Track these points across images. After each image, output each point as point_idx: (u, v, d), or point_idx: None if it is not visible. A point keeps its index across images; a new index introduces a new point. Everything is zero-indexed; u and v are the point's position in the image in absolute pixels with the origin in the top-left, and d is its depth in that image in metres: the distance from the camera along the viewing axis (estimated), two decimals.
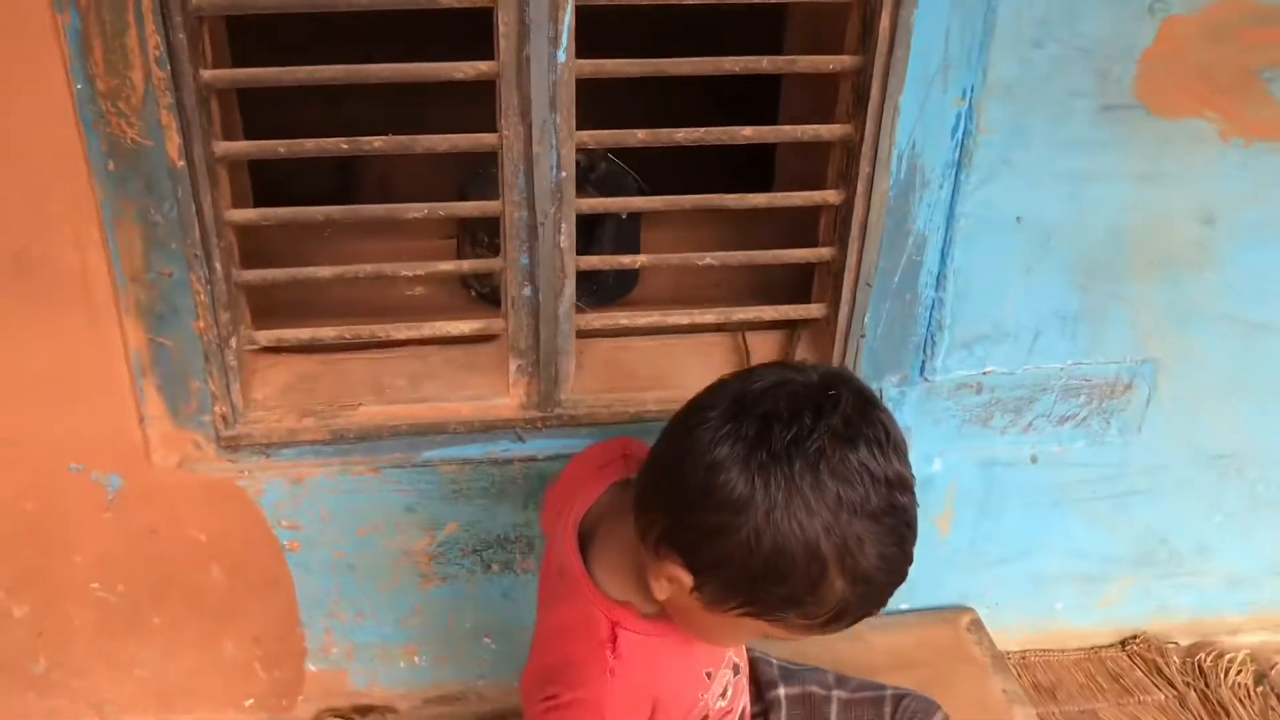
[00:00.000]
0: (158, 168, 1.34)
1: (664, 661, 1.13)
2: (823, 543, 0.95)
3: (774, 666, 1.55)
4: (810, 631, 1.03)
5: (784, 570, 0.96)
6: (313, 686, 1.80)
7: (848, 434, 0.96)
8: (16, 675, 1.71)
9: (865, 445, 0.96)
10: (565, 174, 1.43)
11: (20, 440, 1.51)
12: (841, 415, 0.97)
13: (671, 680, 1.15)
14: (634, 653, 1.10)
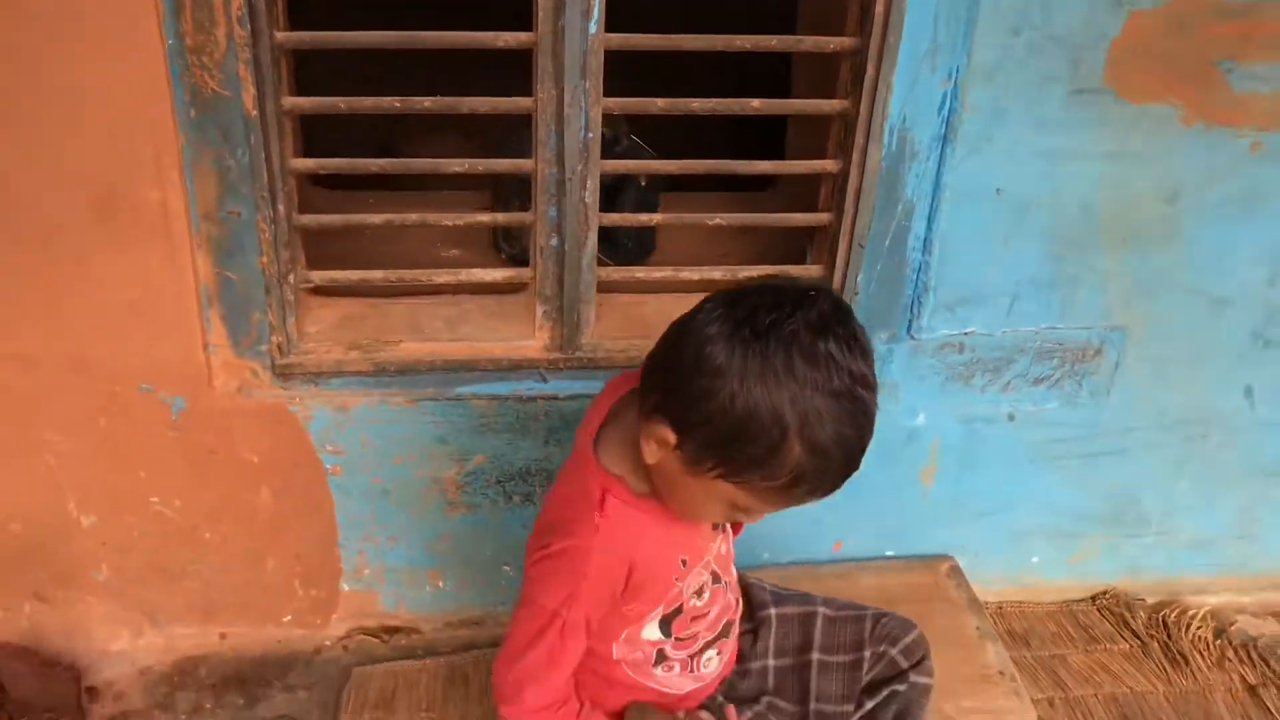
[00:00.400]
0: (234, 117, 1.53)
1: (644, 532, 1.31)
2: (787, 410, 1.13)
3: (766, 591, 1.71)
4: (770, 497, 1.20)
5: (752, 432, 1.14)
6: (346, 606, 1.98)
7: (821, 326, 1.14)
8: (80, 581, 1.88)
9: (835, 340, 1.14)
10: (592, 135, 1.60)
11: (99, 360, 1.69)
12: (818, 311, 1.14)
13: (647, 550, 1.32)
14: (618, 516, 1.29)
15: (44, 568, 1.86)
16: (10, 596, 1.87)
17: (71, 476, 1.78)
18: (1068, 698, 1.95)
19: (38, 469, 1.76)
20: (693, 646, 1.48)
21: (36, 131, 1.50)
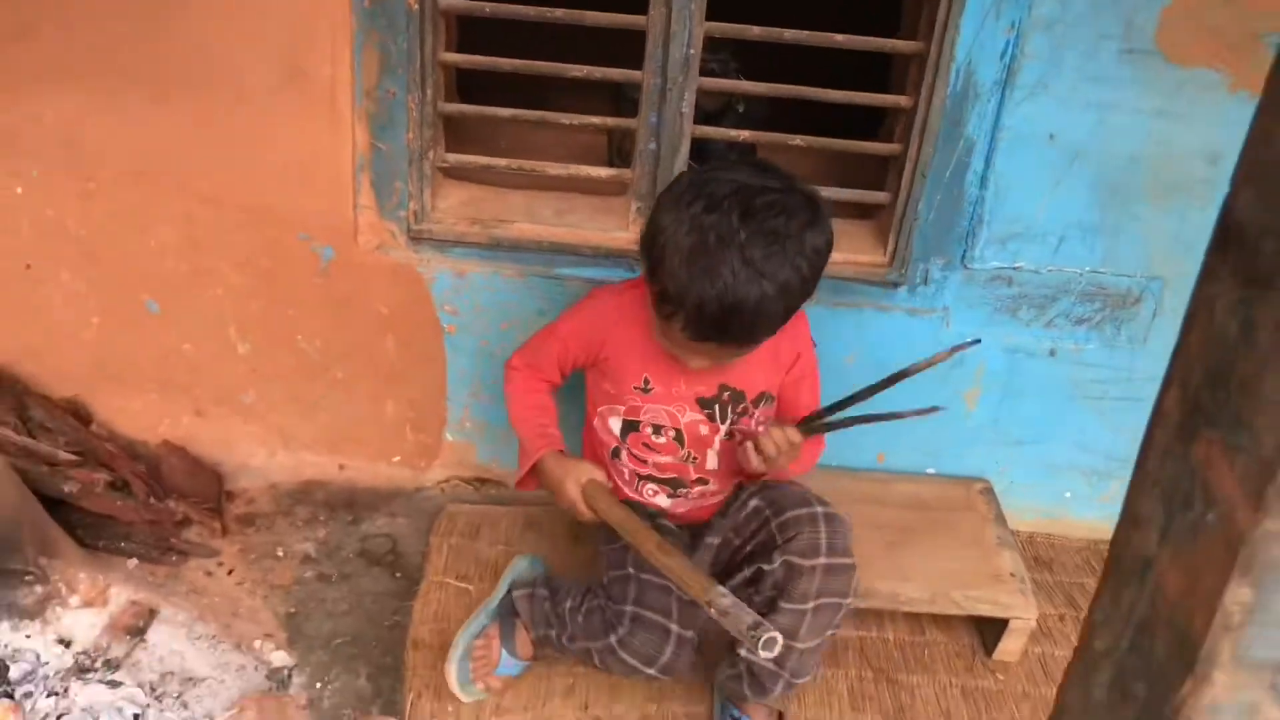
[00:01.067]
0: (398, 10, 1.84)
1: (630, 327, 1.68)
2: (664, 230, 1.47)
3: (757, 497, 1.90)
4: (668, 331, 1.54)
5: (648, 249, 1.50)
6: (447, 454, 2.28)
7: (747, 195, 1.47)
8: (231, 403, 2.24)
9: (748, 209, 1.47)
10: (693, 52, 1.87)
11: (268, 209, 2.03)
12: (758, 187, 1.49)
13: (621, 338, 1.69)
14: (627, 303, 1.69)
15: (204, 386, 2.22)
16: (175, 408, 2.24)
17: (235, 308, 2.13)
18: (1079, 617, 2.13)
19: (209, 298, 2.12)
20: (640, 468, 1.78)
21: (236, 7, 1.84)
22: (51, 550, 1.82)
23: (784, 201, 1.49)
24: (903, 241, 2.03)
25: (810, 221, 1.51)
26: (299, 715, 1.81)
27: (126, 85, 1.91)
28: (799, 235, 1.48)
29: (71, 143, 1.97)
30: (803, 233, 1.49)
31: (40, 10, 1.84)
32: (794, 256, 1.48)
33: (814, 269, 1.53)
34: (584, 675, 1.90)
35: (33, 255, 2.09)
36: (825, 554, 1.65)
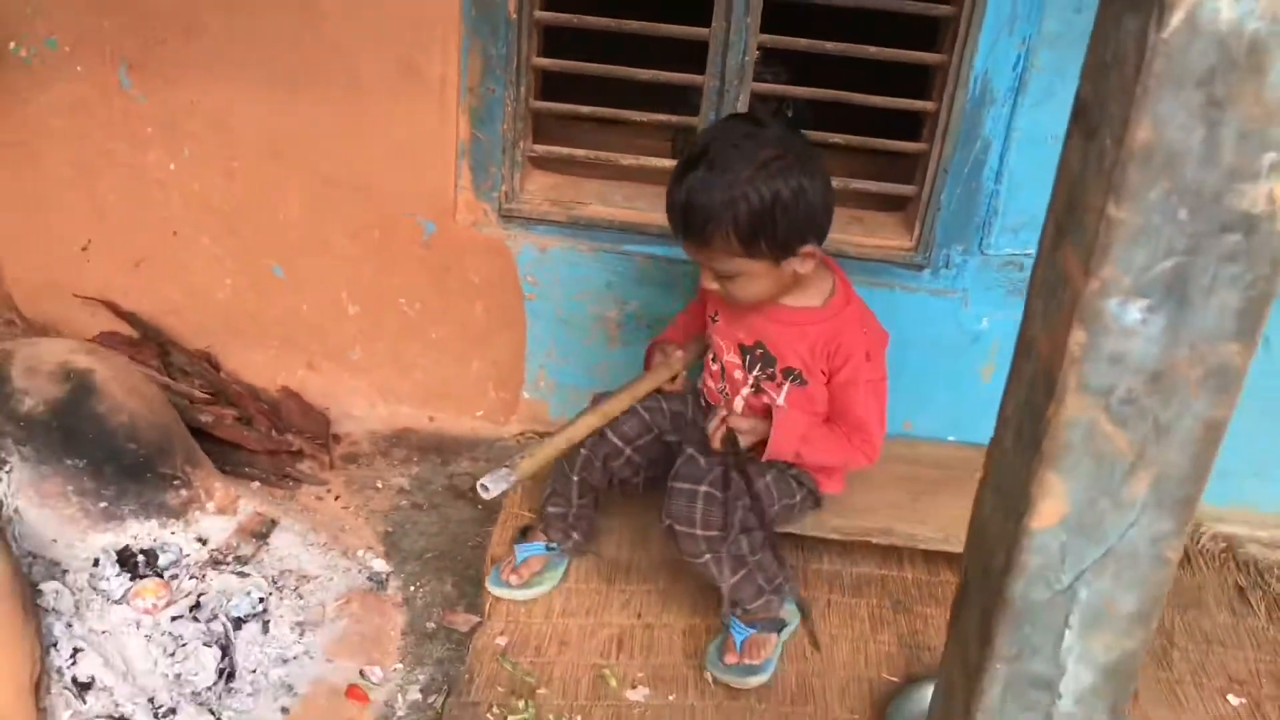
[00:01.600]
0: (500, 20, 2.19)
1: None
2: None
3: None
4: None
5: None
6: (523, 410, 2.60)
7: (752, 121, 1.82)
8: (340, 359, 2.58)
9: (741, 127, 1.80)
10: (748, 59, 2.19)
11: (380, 188, 2.38)
12: (769, 116, 1.82)
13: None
14: None
15: (317, 343, 2.56)
16: (291, 361, 2.58)
17: (348, 274, 2.48)
18: None
19: (325, 265, 2.47)
20: (704, 387, 2.11)
21: (361, 7, 2.19)
22: (194, 462, 2.16)
23: (769, 144, 1.76)
24: (927, 229, 2.33)
25: (784, 168, 1.75)
26: (395, 610, 2.12)
27: (270, 79, 2.27)
28: (766, 169, 1.74)
29: (220, 127, 2.34)
30: (770, 169, 1.74)
31: (207, 13, 2.21)
32: (752, 183, 1.73)
33: (768, 202, 1.74)
34: (639, 591, 2.20)
35: (180, 224, 2.45)
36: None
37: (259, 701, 1.89)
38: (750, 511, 1.95)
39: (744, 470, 1.94)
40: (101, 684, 1.82)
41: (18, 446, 2.03)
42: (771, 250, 1.79)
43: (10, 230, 2.46)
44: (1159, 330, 0.81)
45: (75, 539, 2.04)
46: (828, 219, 1.84)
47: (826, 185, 1.82)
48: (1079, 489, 0.87)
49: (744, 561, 1.97)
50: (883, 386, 2.00)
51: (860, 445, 2.00)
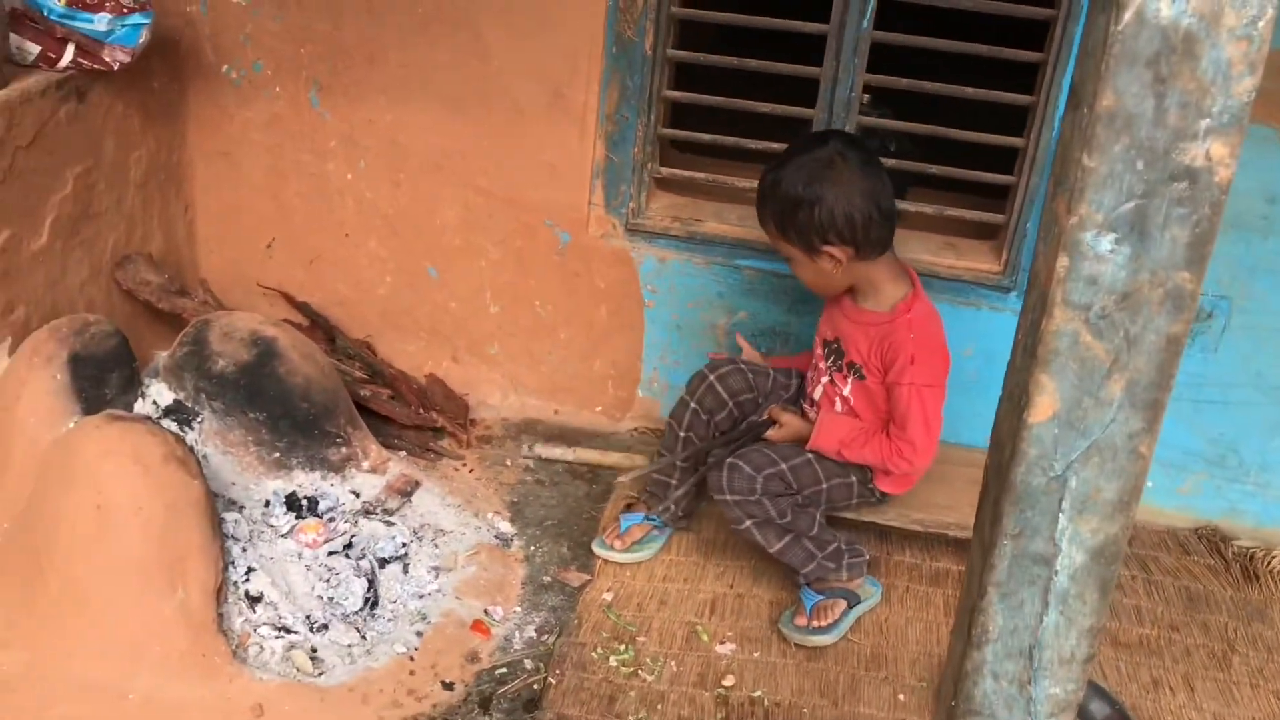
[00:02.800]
0: (637, 55, 2.52)
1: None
2: None
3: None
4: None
5: None
6: (637, 408, 2.89)
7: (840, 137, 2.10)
8: (480, 353, 2.91)
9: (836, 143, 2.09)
10: (854, 94, 2.47)
11: (525, 200, 2.71)
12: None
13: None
14: None
15: (461, 338, 2.90)
16: (438, 353, 2.92)
17: (492, 276, 2.81)
18: (1149, 579, 2.55)
19: (474, 268, 2.81)
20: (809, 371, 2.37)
21: (521, 42, 2.54)
22: (354, 425, 2.50)
23: (819, 157, 2.07)
24: (1014, 254, 2.55)
25: (816, 176, 2.05)
26: (516, 564, 2.41)
27: (437, 102, 2.64)
28: (800, 172, 2.07)
29: (392, 143, 2.71)
30: (804, 173, 2.06)
31: (388, 45, 2.60)
32: (787, 180, 2.08)
33: (790, 199, 2.07)
34: (733, 565, 2.45)
35: (351, 227, 2.83)
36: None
37: (398, 626, 2.20)
38: (775, 479, 2.18)
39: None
40: (268, 599, 2.14)
41: (209, 401, 2.40)
42: (799, 241, 2.12)
43: (213, 227, 2.88)
44: (1125, 258, 1.05)
45: (251, 483, 2.39)
46: (853, 227, 2.07)
47: (851, 201, 2.05)
48: (1066, 388, 1.11)
49: (783, 528, 2.21)
50: (929, 393, 2.16)
51: (897, 443, 2.19)
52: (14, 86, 2.22)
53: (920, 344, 2.16)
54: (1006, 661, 1.25)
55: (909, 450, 2.18)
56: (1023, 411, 1.14)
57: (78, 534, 1.97)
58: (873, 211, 2.07)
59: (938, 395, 2.19)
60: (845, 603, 2.28)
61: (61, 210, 2.38)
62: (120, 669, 1.95)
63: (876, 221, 2.08)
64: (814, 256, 2.13)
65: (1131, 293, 1.07)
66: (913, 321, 2.17)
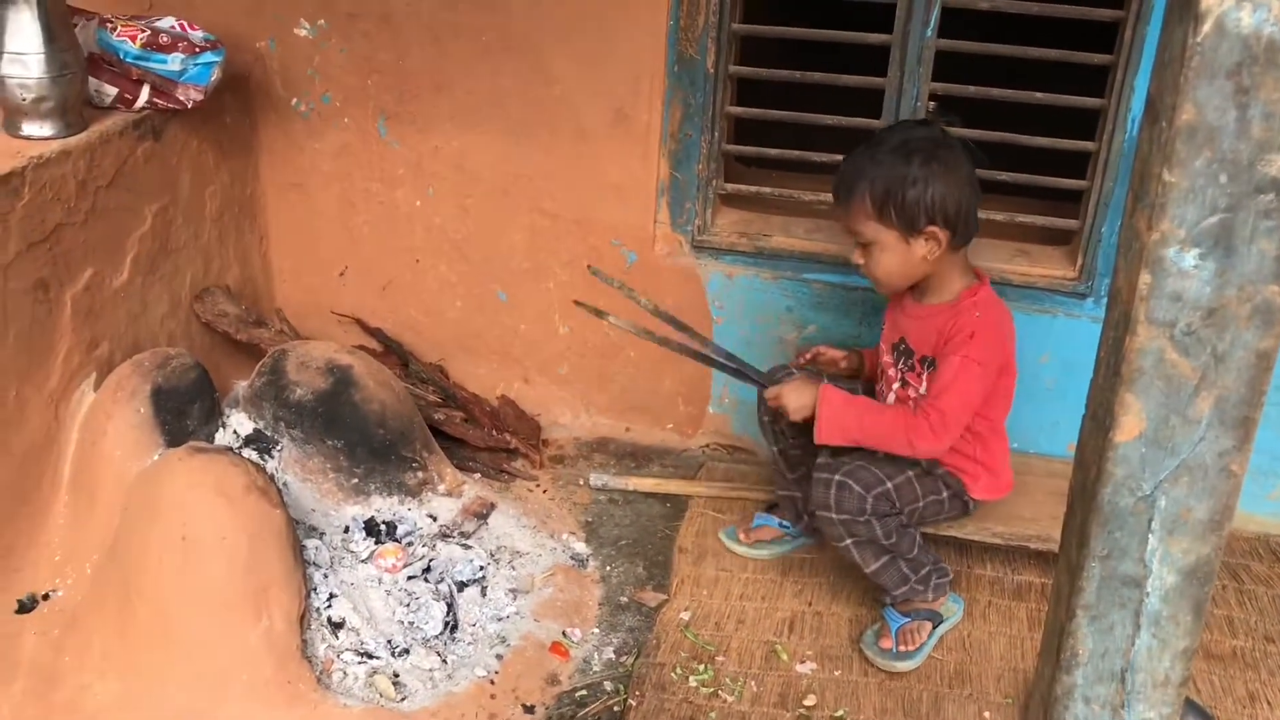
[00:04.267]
0: (699, 73, 2.52)
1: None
2: None
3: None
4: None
5: None
6: (708, 424, 2.88)
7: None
8: (550, 374, 2.93)
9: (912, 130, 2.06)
10: (920, 104, 2.45)
11: (592, 221, 2.72)
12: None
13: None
14: None
15: (532, 359, 2.92)
16: (509, 374, 2.95)
17: (561, 297, 2.82)
18: (1240, 589, 2.47)
19: (543, 290, 2.83)
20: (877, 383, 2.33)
21: (584, 65, 2.56)
22: (430, 449, 2.53)
23: (918, 139, 2.05)
24: (1089, 260, 2.51)
25: (922, 158, 2.02)
26: (593, 584, 2.42)
27: (503, 128, 2.66)
28: (904, 150, 2.03)
29: (459, 169, 2.74)
30: (908, 152, 2.03)
31: (454, 73, 2.63)
32: (891, 157, 2.03)
33: (899, 176, 2.02)
34: (811, 582, 2.43)
35: (421, 252, 2.86)
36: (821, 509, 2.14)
37: (478, 649, 2.21)
38: (884, 499, 2.13)
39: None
40: (350, 625, 2.17)
41: (288, 430, 2.44)
42: (899, 220, 2.04)
43: (287, 257, 2.93)
44: (1210, 274, 1.03)
45: (330, 509, 2.43)
46: (957, 212, 2.03)
47: (958, 185, 2.03)
48: (1152, 407, 1.09)
49: (884, 548, 2.16)
50: (979, 371, 2.07)
51: (927, 411, 2.08)
52: (94, 129, 2.29)
53: (985, 323, 2.10)
54: (1098, 685, 1.22)
55: (937, 419, 2.07)
56: (1108, 431, 1.11)
57: (165, 565, 2.01)
58: (975, 200, 2.07)
59: (985, 379, 2.11)
60: (930, 624, 2.25)
61: (141, 247, 2.44)
62: (209, 697, 1.98)
63: (975, 211, 2.08)
64: (912, 238, 2.06)
65: (1218, 308, 1.04)
66: (979, 303, 2.13)
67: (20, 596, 2.13)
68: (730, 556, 2.50)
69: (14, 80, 2.15)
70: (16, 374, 2.13)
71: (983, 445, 2.23)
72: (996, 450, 2.27)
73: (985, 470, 2.26)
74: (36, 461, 2.21)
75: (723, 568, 2.47)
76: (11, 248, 2.07)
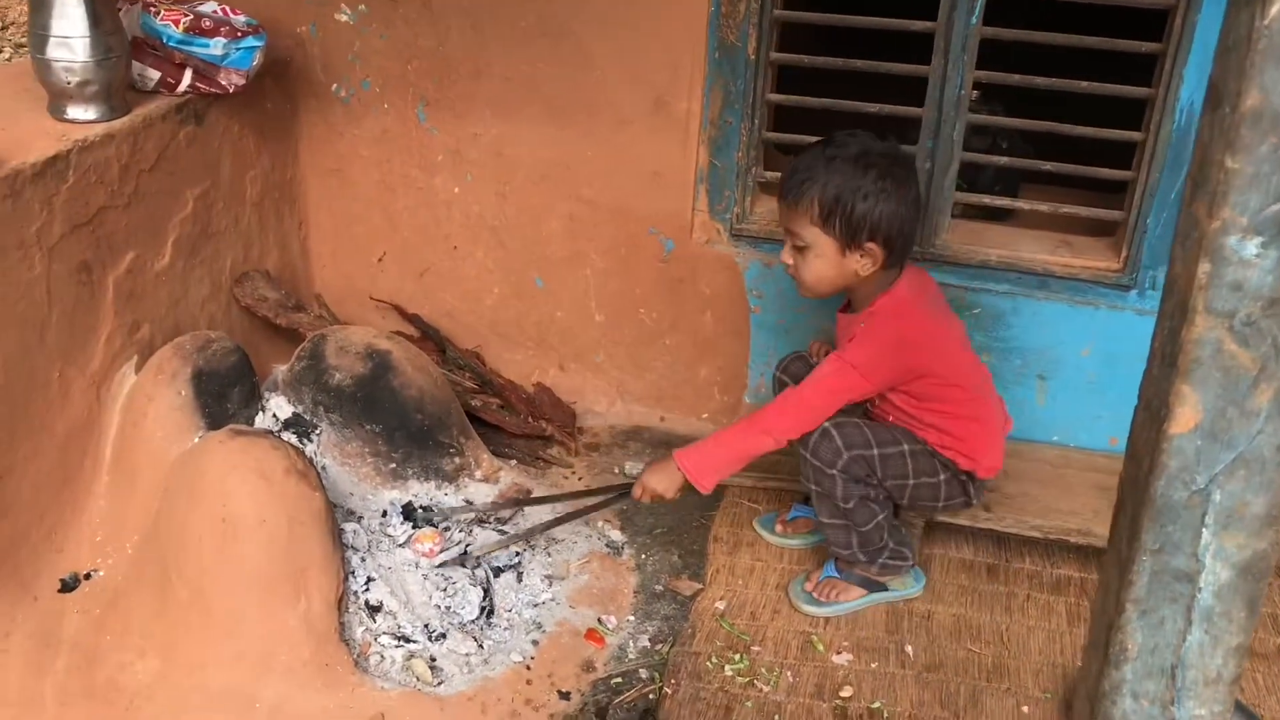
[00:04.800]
0: (740, 60, 2.50)
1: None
2: None
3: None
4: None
5: None
6: (745, 414, 2.86)
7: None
8: (586, 361, 2.92)
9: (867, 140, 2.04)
10: (964, 92, 2.42)
11: (629, 209, 2.71)
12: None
13: None
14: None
15: (567, 346, 2.92)
16: (544, 361, 2.95)
17: (597, 285, 2.82)
18: None
19: (579, 277, 2.82)
20: None
21: (624, 51, 2.54)
22: (467, 435, 2.53)
23: (877, 152, 2.05)
24: (1134, 251, 2.47)
25: (878, 172, 2.02)
26: (628, 572, 2.41)
27: (542, 115, 2.66)
28: (863, 161, 2.03)
29: (498, 155, 2.74)
30: (866, 164, 2.02)
31: (494, 59, 2.62)
32: (849, 165, 2.02)
33: (852, 186, 2.01)
34: None
35: (459, 239, 2.87)
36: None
37: (514, 635, 2.21)
38: (862, 462, 2.14)
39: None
40: (387, 609, 2.18)
41: (327, 414, 2.45)
42: (843, 230, 2.04)
43: (326, 242, 2.94)
44: (1273, 262, 1.00)
45: (368, 493, 2.44)
46: (899, 234, 2.05)
47: (906, 205, 2.05)
48: (1209, 399, 1.07)
49: (839, 510, 2.18)
50: (852, 374, 2.10)
51: (785, 399, 2.17)
52: (136, 112, 2.30)
53: (870, 331, 2.12)
54: (1147, 681, 1.20)
55: (795, 401, 2.14)
56: (1162, 423, 1.10)
57: (205, 546, 2.03)
58: (916, 222, 2.11)
59: (859, 383, 2.12)
60: (862, 590, 2.30)
61: (183, 230, 2.45)
62: (248, 678, 2.00)
63: (913, 234, 2.13)
64: (849, 251, 2.07)
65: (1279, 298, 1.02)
66: (874, 314, 2.14)
67: (63, 575, 2.15)
68: (766, 546, 2.49)
69: (60, 64, 2.17)
70: (60, 355, 2.15)
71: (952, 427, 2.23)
72: (971, 436, 2.24)
73: (965, 456, 2.25)
74: (78, 443, 2.22)
75: (758, 557, 2.46)
76: (56, 230, 2.09)
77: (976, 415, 2.23)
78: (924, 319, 2.16)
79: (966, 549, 2.50)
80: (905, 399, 2.19)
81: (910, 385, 2.17)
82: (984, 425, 2.25)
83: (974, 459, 2.23)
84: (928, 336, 2.16)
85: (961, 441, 2.22)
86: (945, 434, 2.20)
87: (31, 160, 2.02)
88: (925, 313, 2.17)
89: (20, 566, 2.10)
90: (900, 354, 2.13)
